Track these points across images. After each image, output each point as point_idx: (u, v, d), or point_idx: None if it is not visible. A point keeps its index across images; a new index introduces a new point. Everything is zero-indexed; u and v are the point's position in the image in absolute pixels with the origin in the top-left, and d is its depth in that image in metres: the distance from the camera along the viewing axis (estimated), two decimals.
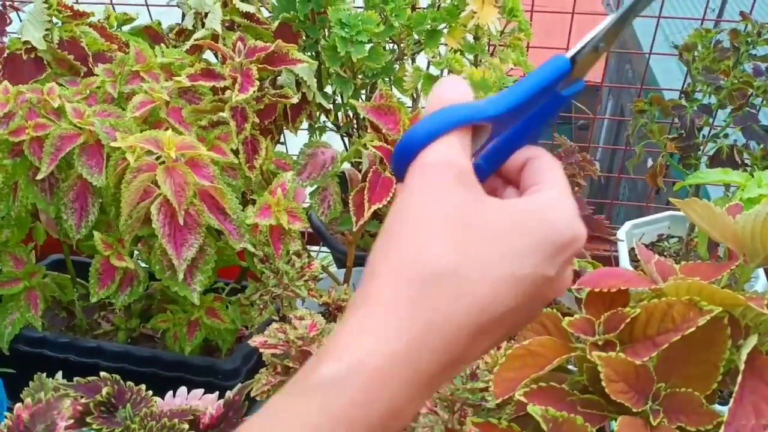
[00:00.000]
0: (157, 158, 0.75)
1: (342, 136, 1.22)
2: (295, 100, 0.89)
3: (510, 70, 1.04)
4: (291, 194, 0.86)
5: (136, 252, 0.90)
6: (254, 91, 0.81)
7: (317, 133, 1.18)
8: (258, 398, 0.63)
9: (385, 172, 0.90)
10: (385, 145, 0.90)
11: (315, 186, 1.03)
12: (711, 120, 1.21)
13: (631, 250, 1.24)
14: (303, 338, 0.61)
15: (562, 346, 0.63)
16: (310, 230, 1.25)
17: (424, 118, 0.35)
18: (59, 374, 0.69)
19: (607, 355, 0.57)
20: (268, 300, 0.79)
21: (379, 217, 1.17)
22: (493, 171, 0.39)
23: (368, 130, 1.13)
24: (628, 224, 1.31)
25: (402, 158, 0.35)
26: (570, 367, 0.72)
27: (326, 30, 1.02)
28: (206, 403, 0.63)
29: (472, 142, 0.35)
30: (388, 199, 0.87)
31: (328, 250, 1.41)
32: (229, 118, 0.82)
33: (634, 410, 0.56)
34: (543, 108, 0.37)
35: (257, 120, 0.86)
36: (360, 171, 1.03)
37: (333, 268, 1.22)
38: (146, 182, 0.73)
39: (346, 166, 1.06)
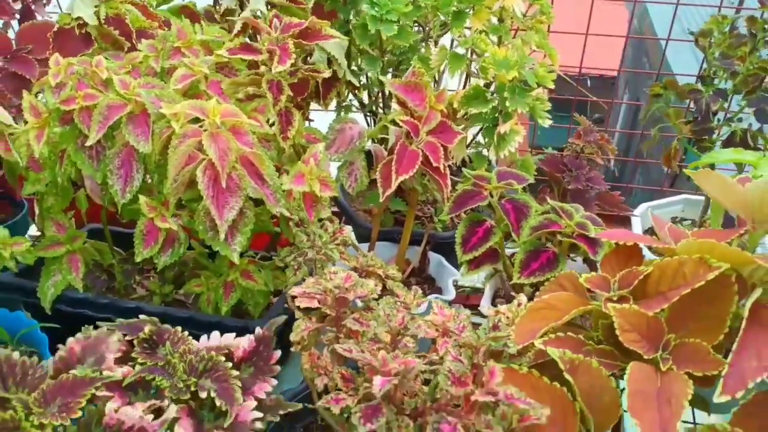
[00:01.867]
0: (201, 126, 0.80)
1: (366, 115, 1.27)
2: (327, 74, 0.94)
3: (531, 52, 1.08)
4: (322, 164, 0.91)
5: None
6: (291, 64, 0.86)
7: (343, 111, 1.23)
8: (294, 347, 0.68)
9: (411, 146, 0.94)
10: (412, 119, 0.94)
11: (343, 160, 1.08)
12: (726, 105, 1.24)
13: (646, 231, 1.28)
14: (339, 287, 0.66)
15: (578, 301, 0.68)
16: (334, 209, 1.30)
17: None
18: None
19: (622, 307, 0.62)
20: (301, 262, 0.84)
21: (402, 194, 1.23)
22: None
23: (393, 108, 1.18)
24: (643, 206, 1.34)
25: None
26: (584, 325, 0.77)
27: (357, 10, 1.07)
28: (239, 342, 0.68)
29: None
30: (414, 170, 0.92)
31: (351, 228, 1.46)
32: (266, 91, 0.87)
33: (646, 357, 0.61)
34: None
35: (291, 93, 0.91)
36: (385, 148, 1.08)
37: None
38: (192, 147, 0.79)
39: (371, 144, 1.11)
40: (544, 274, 0.83)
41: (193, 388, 0.62)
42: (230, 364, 0.64)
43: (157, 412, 0.61)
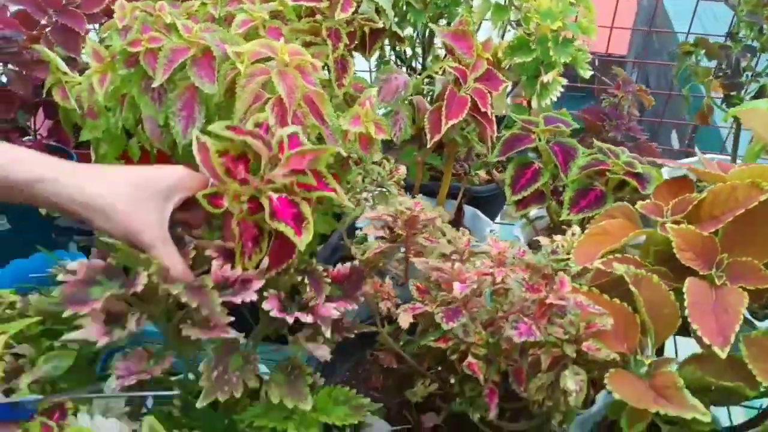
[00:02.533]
0: (266, 66, 0.84)
1: (405, 70, 1.30)
2: (380, 24, 0.98)
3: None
4: (375, 108, 0.95)
5: None
6: (352, 12, 0.89)
7: (382, 66, 1.27)
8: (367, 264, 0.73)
9: (459, 92, 0.98)
10: (461, 66, 0.98)
11: (388, 110, 1.12)
12: (755, 61, 1.28)
13: None
14: (411, 209, 0.70)
15: (632, 227, 0.72)
16: None
17: None
18: None
19: (679, 227, 0.66)
20: (359, 199, 0.88)
21: (438, 149, 1.27)
22: None
23: (431, 62, 1.22)
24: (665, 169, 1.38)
25: None
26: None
27: None
28: (338, 266, 0.73)
29: None
30: (463, 115, 0.96)
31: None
32: (325, 37, 0.91)
33: (701, 274, 0.65)
34: None
35: (348, 42, 0.95)
36: (429, 101, 1.12)
37: None
38: (260, 85, 0.82)
39: (414, 96, 1.14)
40: (592, 210, 0.87)
41: (293, 279, 0.67)
42: (324, 272, 0.69)
43: None
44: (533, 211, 1.09)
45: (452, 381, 0.77)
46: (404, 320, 0.76)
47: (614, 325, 0.63)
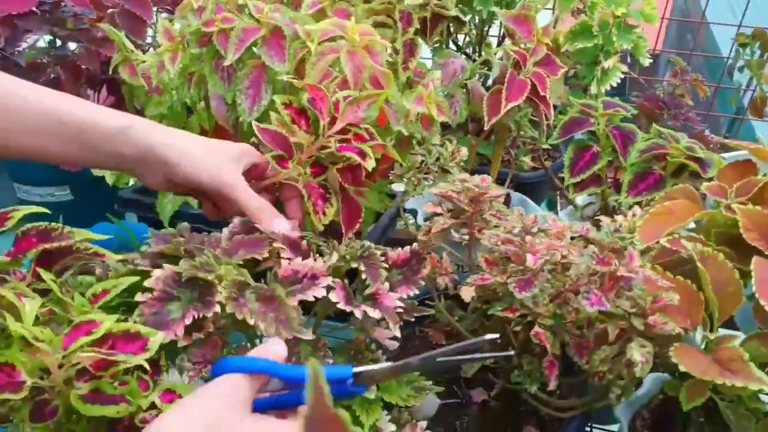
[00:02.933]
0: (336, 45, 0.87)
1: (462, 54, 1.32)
2: (454, 12, 1.00)
3: None
4: (437, 91, 0.97)
5: None
6: None
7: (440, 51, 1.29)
8: (434, 238, 0.75)
9: (519, 75, 1.00)
10: (521, 50, 1.00)
11: (444, 93, 1.14)
12: None
13: None
14: (478, 186, 0.73)
15: (696, 207, 0.74)
16: None
17: (247, 355, 0.54)
18: None
19: (746, 207, 0.67)
20: (420, 178, 0.90)
21: (488, 136, 1.28)
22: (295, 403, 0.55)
23: (485, 47, 1.24)
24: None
25: (220, 370, 0.53)
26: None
27: None
28: (397, 251, 0.75)
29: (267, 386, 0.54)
30: (522, 98, 0.98)
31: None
32: (397, 20, 0.93)
33: (766, 254, 0.67)
34: (333, 389, 0.52)
35: (419, 26, 0.97)
36: (483, 85, 1.14)
37: None
38: (329, 63, 0.85)
39: (468, 80, 1.16)
40: (650, 193, 0.88)
41: (348, 266, 0.69)
42: (382, 257, 0.71)
43: None
44: (579, 199, 1.11)
45: (511, 353, 0.80)
46: (467, 293, 0.79)
47: (679, 302, 0.64)
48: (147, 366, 0.54)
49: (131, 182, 1.25)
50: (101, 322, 0.53)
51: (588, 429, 1.04)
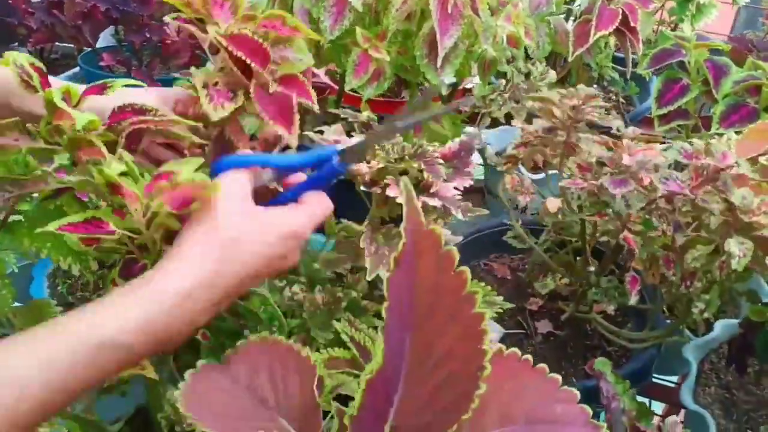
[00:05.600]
0: None
1: None
2: None
3: None
4: (525, 14, 0.96)
5: None
6: None
7: None
8: (519, 154, 0.75)
9: (609, 5, 0.98)
10: None
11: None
12: None
13: None
14: (581, 98, 0.72)
15: None
16: None
17: (235, 154, 0.57)
18: None
19: None
20: (506, 97, 0.90)
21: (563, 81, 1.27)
22: (291, 200, 0.56)
23: None
24: None
25: (218, 169, 0.54)
26: None
27: None
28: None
29: (261, 176, 0.56)
30: (612, 27, 0.96)
31: None
32: None
33: None
34: (322, 171, 0.56)
35: None
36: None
37: None
38: None
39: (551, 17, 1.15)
40: (743, 125, 0.86)
41: (409, 165, 0.69)
42: (435, 151, 0.71)
43: None
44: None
45: (591, 270, 0.79)
46: (553, 206, 0.79)
47: None
48: None
49: None
50: (180, 171, 0.54)
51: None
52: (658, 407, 1.01)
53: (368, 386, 0.39)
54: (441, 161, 0.71)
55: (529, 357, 0.48)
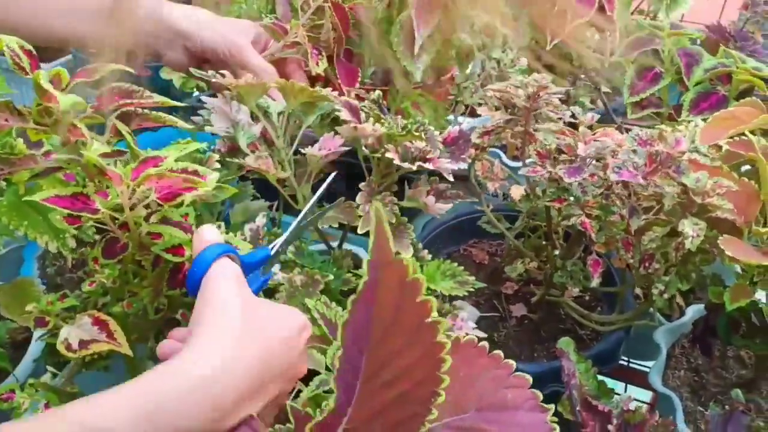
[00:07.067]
0: None
1: None
2: None
3: None
4: (502, 3, 0.97)
5: None
6: None
7: None
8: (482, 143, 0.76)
9: None
10: None
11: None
12: None
13: None
14: (537, 81, 0.74)
15: (761, 112, 0.73)
16: None
17: (200, 252, 0.51)
18: None
19: None
20: (479, 85, 0.92)
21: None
22: None
23: None
24: None
25: (194, 277, 0.51)
26: None
27: None
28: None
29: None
30: (589, 16, 0.98)
31: None
32: None
33: None
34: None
35: None
36: None
37: None
38: None
39: None
40: (713, 112, 0.87)
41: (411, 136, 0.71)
42: (437, 132, 0.73)
43: None
44: None
45: (556, 254, 0.81)
46: (516, 193, 0.80)
47: (737, 201, 0.65)
48: None
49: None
50: (166, 157, 0.56)
51: (625, 363, 1.05)
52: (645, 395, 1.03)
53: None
54: (440, 140, 0.74)
55: (486, 344, 0.50)
